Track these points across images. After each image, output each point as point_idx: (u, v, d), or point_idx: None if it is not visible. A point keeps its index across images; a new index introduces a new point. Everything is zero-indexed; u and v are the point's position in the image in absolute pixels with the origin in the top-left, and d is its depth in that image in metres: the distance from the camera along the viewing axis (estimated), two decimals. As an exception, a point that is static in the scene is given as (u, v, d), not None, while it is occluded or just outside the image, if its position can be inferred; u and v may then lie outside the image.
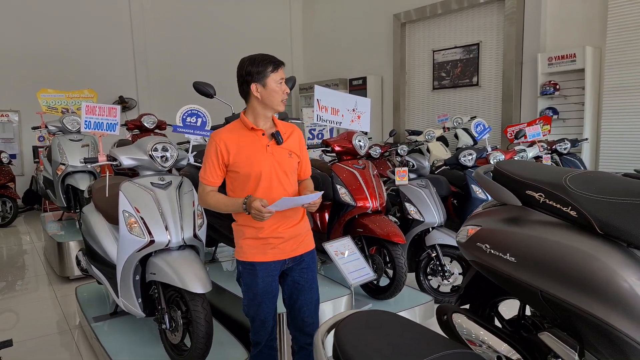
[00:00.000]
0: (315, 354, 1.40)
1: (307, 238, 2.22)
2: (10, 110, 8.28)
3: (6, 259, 5.58)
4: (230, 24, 10.35)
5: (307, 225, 2.24)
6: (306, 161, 2.26)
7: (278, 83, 2.07)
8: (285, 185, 2.11)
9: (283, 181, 2.10)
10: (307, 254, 2.21)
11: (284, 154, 2.10)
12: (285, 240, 2.12)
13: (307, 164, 2.27)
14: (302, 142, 2.24)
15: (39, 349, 3.28)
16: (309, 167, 2.28)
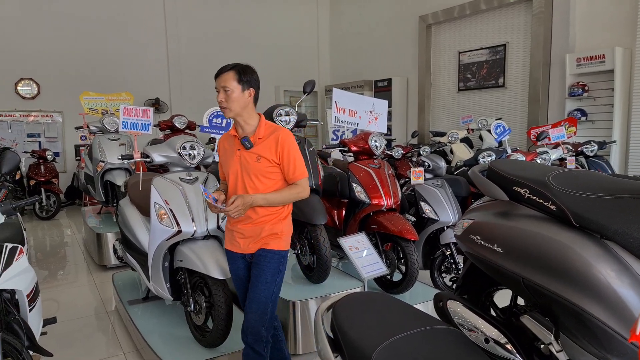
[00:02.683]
0: (315, 329, 1.58)
1: (268, 240, 2.24)
2: (54, 111, 8.82)
3: (50, 250, 6.01)
4: (259, 28, 10.65)
5: (273, 230, 2.24)
6: (290, 165, 2.21)
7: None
8: (251, 188, 2.22)
9: (248, 183, 2.23)
10: (261, 250, 2.25)
11: (251, 159, 2.22)
12: (244, 237, 2.28)
13: (293, 167, 2.22)
14: (284, 147, 2.20)
15: (79, 328, 3.59)
16: (296, 170, 2.22)
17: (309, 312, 3.07)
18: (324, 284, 3.33)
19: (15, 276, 2.45)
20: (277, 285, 2.29)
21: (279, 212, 2.27)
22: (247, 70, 2.23)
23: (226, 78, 2.20)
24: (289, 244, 2.33)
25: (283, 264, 2.30)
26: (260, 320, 2.24)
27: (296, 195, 2.25)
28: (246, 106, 2.23)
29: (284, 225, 2.30)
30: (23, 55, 8.36)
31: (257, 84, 2.27)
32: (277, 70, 10.72)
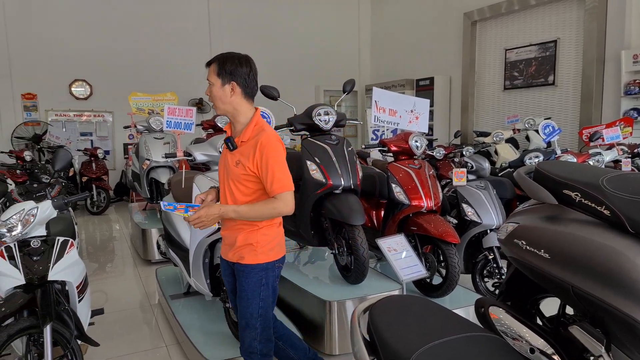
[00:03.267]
0: (351, 330, 1.56)
1: (243, 252, 2.09)
2: (105, 111, 9.24)
3: (99, 244, 6.30)
4: (299, 28, 10.72)
5: (247, 240, 2.08)
6: (268, 175, 1.97)
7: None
8: (230, 194, 2.09)
9: (228, 189, 2.10)
10: (239, 266, 2.12)
11: (232, 162, 2.07)
12: (226, 244, 2.19)
13: (271, 178, 1.97)
14: (262, 154, 1.97)
15: (124, 320, 3.74)
16: (274, 182, 1.97)
17: (345, 313, 3.05)
18: (361, 285, 3.30)
19: (66, 268, 2.57)
20: (263, 299, 2.12)
21: (254, 223, 2.07)
22: (230, 61, 2.02)
23: (209, 71, 2.06)
24: (272, 254, 2.12)
25: (266, 277, 2.11)
26: (250, 333, 2.14)
27: (272, 211, 1.99)
28: (230, 102, 2.04)
29: (260, 235, 2.08)
30: (77, 58, 8.80)
31: (244, 77, 2.04)
32: (317, 70, 10.75)
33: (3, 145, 8.24)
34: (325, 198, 3.29)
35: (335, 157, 3.24)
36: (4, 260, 2.45)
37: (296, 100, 3.79)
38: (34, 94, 8.64)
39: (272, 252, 2.12)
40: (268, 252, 2.10)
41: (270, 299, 2.15)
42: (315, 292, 3.19)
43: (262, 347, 2.16)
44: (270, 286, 2.13)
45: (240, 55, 2.08)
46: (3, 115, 8.44)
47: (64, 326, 2.48)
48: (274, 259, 2.13)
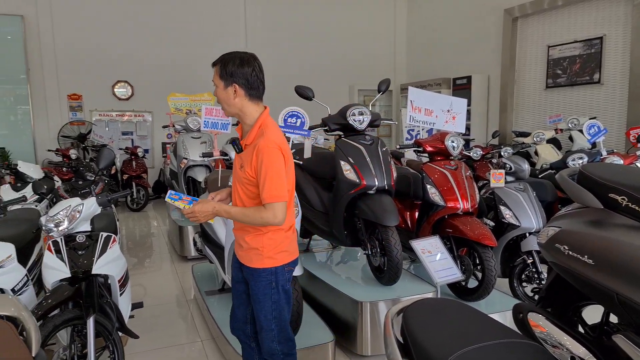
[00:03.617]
0: (385, 332, 1.55)
1: (250, 255, 2.08)
2: (145, 111, 9.54)
3: (138, 239, 6.51)
4: (334, 28, 10.70)
5: (252, 244, 2.06)
6: (261, 181, 1.92)
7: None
8: (239, 194, 2.07)
9: (239, 190, 2.07)
10: (247, 269, 2.11)
11: (238, 164, 2.07)
12: (237, 243, 2.18)
13: (262, 185, 1.91)
14: (261, 159, 1.91)
15: (162, 314, 3.85)
16: (265, 190, 1.90)
17: (378, 314, 3.03)
18: (394, 287, 3.27)
19: (109, 263, 2.67)
20: (275, 301, 2.09)
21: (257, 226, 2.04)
22: (232, 62, 1.97)
23: (214, 73, 2.02)
24: (280, 258, 2.07)
25: (275, 280, 2.07)
26: (268, 335, 2.13)
27: (260, 220, 1.93)
28: (234, 104, 2.00)
29: (267, 239, 2.04)
30: (119, 61, 9.12)
31: (246, 78, 1.97)
32: (351, 69, 10.71)
33: (51, 143, 8.65)
34: (359, 198, 3.28)
35: (369, 157, 3.22)
36: (52, 254, 2.57)
37: (330, 100, 3.79)
38: (80, 94, 9.02)
39: (280, 255, 2.07)
40: (275, 256, 2.06)
41: (282, 301, 2.11)
42: (347, 292, 3.18)
43: (283, 347, 2.15)
44: (280, 288, 2.09)
45: (243, 55, 2.01)
46: (50, 115, 8.85)
47: (106, 318, 2.58)
48: (282, 263, 2.08)
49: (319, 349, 2.84)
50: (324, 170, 3.71)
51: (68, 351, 2.54)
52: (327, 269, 3.84)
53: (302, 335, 2.81)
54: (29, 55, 8.49)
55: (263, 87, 2.07)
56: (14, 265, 2.60)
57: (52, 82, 8.75)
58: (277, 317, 2.11)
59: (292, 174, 2.08)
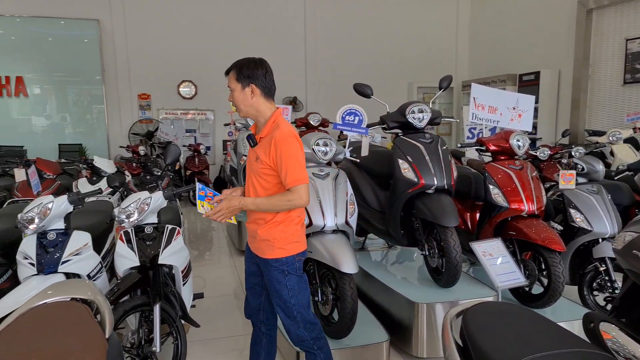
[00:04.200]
0: (443, 335, 1.51)
1: (263, 246, 2.20)
2: (208, 109, 9.92)
3: (199, 233, 6.79)
4: (393, 25, 10.55)
5: (264, 236, 2.18)
6: (282, 168, 2.06)
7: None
8: (252, 188, 2.20)
9: (250, 183, 2.22)
10: (261, 260, 2.23)
11: (253, 157, 2.21)
12: (250, 236, 2.30)
13: (285, 171, 2.06)
14: (279, 150, 2.06)
15: (220, 305, 3.99)
16: (288, 175, 2.06)
17: (435, 316, 2.96)
18: (452, 289, 3.18)
19: (174, 253, 2.81)
20: (291, 288, 2.19)
21: (271, 217, 2.16)
22: (246, 66, 2.15)
23: (229, 78, 2.19)
24: (290, 249, 2.18)
25: (288, 268, 2.18)
26: (292, 323, 2.22)
27: (287, 203, 2.09)
28: (251, 103, 2.16)
29: (278, 232, 2.16)
30: (185, 61, 9.54)
31: (261, 79, 2.15)
32: (410, 66, 10.52)
33: (122, 140, 9.22)
34: (417, 197, 3.22)
35: (428, 155, 3.15)
36: (123, 243, 2.75)
37: (388, 97, 3.75)
38: (149, 94, 9.55)
39: (291, 246, 2.19)
40: (285, 247, 2.18)
41: (297, 287, 2.20)
42: (403, 292, 3.14)
43: (310, 333, 2.24)
44: (294, 275, 2.20)
45: (255, 59, 2.21)
46: (123, 114, 9.44)
47: (171, 306, 2.71)
48: (293, 253, 2.20)
49: (374, 347, 2.82)
50: (381, 169, 3.68)
51: (136, 335, 2.70)
52: (382, 268, 3.81)
53: (357, 333, 2.81)
54: (104, 58, 9.10)
55: (274, 87, 2.25)
56: (89, 252, 2.80)
57: (124, 83, 9.33)
58: (296, 303, 2.20)
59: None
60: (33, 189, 3.70)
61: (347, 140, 3.77)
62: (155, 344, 2.59)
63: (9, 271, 2.84)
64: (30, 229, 2.57)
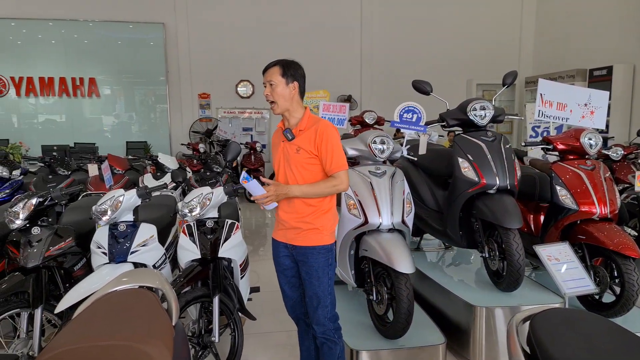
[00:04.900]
0: (509, 340, 1.44)
1: (310, 235, 2.28)
2: (264, 108, 10.14)
3: (254, 229, 6.95)
4: (452, 18, 10.24)
5: (314, 224, 2.27)
6: (328, 156, 2.22)
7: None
8: (292, 179, 2.29)
9: (289, 175, 2.30)
10: (304, 248, 2.29)
11: (292, 150, 2.28)
12: (285, 228, 2.35)
13: (330, 159, 2.22)
14: (323, 139, 2.21)
15: (274, 300, 4.03)
16: (334, 162, 2.22)
17: (494, 320, 2.85)
18: (514, 294, 3.05)
19: (233, 247, 2.89)
20: (330, 277, 2.32)
21: (319, 206, 2.28)
22: (291, 65, 2.31)
23: (271, 72, 2.30)
24: (334, 236, 2.34)
25: (331, 257, 2.32)
26: (323, 312, 2.32)
27: (332, 188, 2.24)
28: (291, 99, 2.29)
29: (325, 219, 2.30)
30: (243, 61, 9.79)
31: (302, 79, 2.32)
32: (469, 63, 10.18)
33: (183, 138, 9.63)
34: (477, 198, 3.11)
35: (490, 154, 3.04)
36: (185, 236, 2.86)
37: (446, 95, 3.65)
38: (208, 93, 9.90)
39: (333, 234, 2.35)
40: (331, 234, 2.33)
41: (333, 277, 2.36)
42: (461, 295, 3.05)
43: (333, 323, 2.36)
44: (334, 265, 2.36)
45: (295, 60, 2.39)
46: (184, 113, 9.85)
47: (229, 298, 2.80)
48: (334, 240, 2.36)
49: (430, 349, 2.76)
50: (439, 168, 3.59)
51: (196, 325, 2.81)
52: (438, 269, 3.72)
53: (412, 334, 2.76)
54: (168, 59, 9.54)
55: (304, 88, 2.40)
56: (155, 244, 2.95)
57: (186, 83, 9.73)
58: (331, 292, 2.34)
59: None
60: (106, 183, 3.95)
61: (403, 138, 3.71)
62: (214, 334, 2.68)
63: (84, 259, 3.05)
64: (103, 220, 2.73)
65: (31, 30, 9.08)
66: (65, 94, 9.25)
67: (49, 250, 2.70)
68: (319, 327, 2.34)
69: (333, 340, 2.35)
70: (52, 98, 9.25)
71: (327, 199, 2.31)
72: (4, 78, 8.93)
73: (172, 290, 1.66)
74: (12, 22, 8.93)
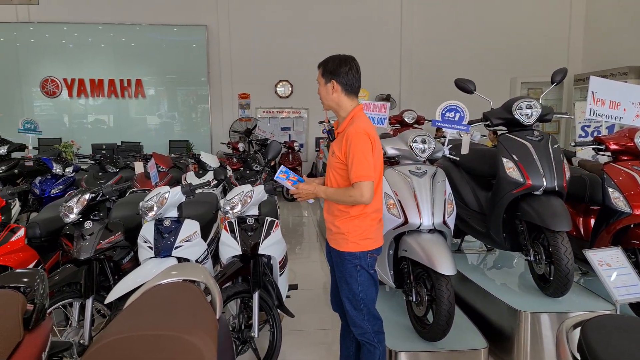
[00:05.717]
0: (558, 346, 1.39)
1: (338, 239, 2.27)
2: (302, 108, 10.21)
3: (291, 227, 7.01)
4: (495, 15, 9.95)
5: (340, 228, 2.24)
6: (348, 163, 2.14)
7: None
8: (331, 179, 2.29)
9: (330, 175, 2.30)
10: (335, 251, 2.30)
11: (331, 151, 2.31)
12: (327, 227, 2.37)
13: (350, 166, 2.13)
14: (348, 143, 2.14)
15: (311, 298, 4.09)
16: (352, 171, 2.12)
17: (540, 326, 2.76)
18: (561, 299, 2.93)
19: (272, 245, 2.93)
20: (362, 283, 2.25)
21: (346, 211, 2.22)
22: (331, 62, 2.24)
23: (318, 72, 2.31)
24: (364, 244, 2.23)
25: (361, 263, 2.23)
26: (358, 315, 2.28)
27: (348, 198, 2.15)
28: (332, 98, 2.25)
29: (353, 226, 2.22)
30: (282, 61, 9.91)
31: (343, 76, 2.21)
32: (514, 60, 9.87)
33: (223, 137, 9.84)
34: (522, 199, 3.01)
35: (537, 154, 2.94)
36: (227, 233, 2.93)
37: (489, 94, 3.55)
38: (248, 93, 10.08)
39: (364, 242, 2.24)
40: (360, 242, 2.23)
41: (367, 282, 2.27)
42: (504, 299, 2.97)
43: (372, 326, 2.31)
44: (366, 271, 2.26)
45: (342, 56, 2.27)
46: (224, 112, 10.07)
47: (268, 295, 2.84)
48: (366, 249, 2.24)
49: (471, 354, 2.70)
50: (482, 168, 3.50)
51: (237, 320, 2.86)
52: (479, 272, 3.63)
53: (452, 337, 2.70)
54: (210, 60, 9.77)
55: (358, 85, 2.29)
56: (198, 240, 3.03)
57: (227, 83, 9.94)
58: (364, 297, 2.28)
59: (381, 162, 2.28)
60: (152, 180, 4.09)
61: (444, 138, 3.65)
62: (254, 330, 2.73)
63: (131, 253, 3.17)
64: (150, 216, 2.83)
65: (82, 34, 9.53)
66: (113, 95, 9.65)
67: (100, 243, 2.82)
68: (356, 329, 2.33)
69: (372, 344, 2.32)
70: (101, 99, 9.67)
71: (356, 206, 2.21)
72: (57, 80, 9.42)
73: (216, 284, 1.70)
74: (64, 26, 9.40)
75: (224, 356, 1.48)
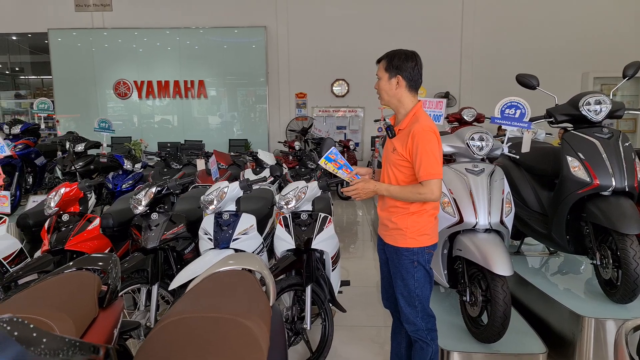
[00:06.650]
0: (616, 349, 1.33)
1: (394, 235, 2.25)
2: (358, 107, 10.22)
3: (345, 225, 7.05)
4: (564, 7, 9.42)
5: (398, 224, 2.22)
6: (417, 162, 2.11)
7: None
8: (390, 176, 2.27)
9: (386, 172, 2.30)
10: (390, 247, 2.29)
11: (390, 148, 2.27)
12: (381, 223, 2.37)
13: (419, 165, 2.10)
14: (415, 143, 2.10)
15: (363, 295, 4.11)
16: (421, 169, 2.09)
17: (604, 333, 2.61)
18: (628, 306, 2.76)
19: (325, 240, 2.98)
20: (418, 279, 2.24)
21: (405, 207, 2.21)
22: (397, 57, 2.19)
23: (379, 66, 2.26)
24: (422, 240, 2.21)
25: (417, 259, 2.22)
26: (411, 311, 2.27)
27: (417, 196, 2.13)
28: (395, 94, 2.22)
29: (411, 221, 2.21)
30: (339, 60, 9.97)
31: (408, 71, 2.17)
32: (585, 54, 9.30)
33: (280, 136, 10.07)
34: (588, 200, 2.86)
35: (605, 152, 2.78)
36: (282, 227, 3.02)
37: (558, 90, 3.39)
38: (305, 93, 10.24)
39: (422, 238, 2.23)
40: (418, 237, 2.22)
41: (423, 279, 2.26)
42: (566, 303, 2.83)
43: (426, 323, 2.29)
44: (422, 267, 2.25)
45: (407, 51, 2.23)
46: (282, 112, 10.30)
47: (320, 289, 2.90)
48: (424, 245, 2.23)
49: (529, 358, 2.60)
50: (544, 167, 3.36)
51: (290, 312, 2.95)
52: (540, 275, 3.48)
53: (508, 340, 2.63)
54: (269, 61, 10.03)
55: (421, 82, 2.27)
56: (254, 233, 3.15)
57: (285, 83, 10.16)
58: (419, 294, 2.26)
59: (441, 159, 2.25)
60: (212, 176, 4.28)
61: (505, 135, 3.52)
62: (306, 322, 2.80)
63: (192, 244, 3.36)
64: (210, 209, 2.99)
65: (151, 39, 10.13)
66: (178, 96, 10.17)
67: (165, 234, 3.02)
68: (410, 325, 2.32)
69: (424, 342, 2.30)
70: (167, 99, 10.23)
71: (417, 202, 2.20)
72: (128, 82, 10.07)
73: (271, 274, 1.78)
74: (135, 31, 10.04)
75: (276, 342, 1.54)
